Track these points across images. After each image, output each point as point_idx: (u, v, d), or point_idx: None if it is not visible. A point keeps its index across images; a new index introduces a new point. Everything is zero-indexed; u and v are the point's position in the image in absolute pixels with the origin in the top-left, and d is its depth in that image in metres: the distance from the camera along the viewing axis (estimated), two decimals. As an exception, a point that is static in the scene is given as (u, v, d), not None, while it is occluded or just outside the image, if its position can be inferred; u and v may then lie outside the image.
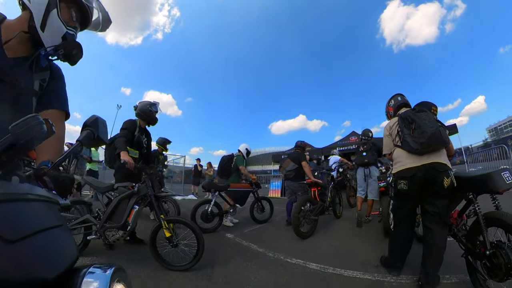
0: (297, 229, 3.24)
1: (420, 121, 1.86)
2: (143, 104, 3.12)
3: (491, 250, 1.56)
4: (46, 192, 0.54)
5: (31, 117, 0.50)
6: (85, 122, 0.78)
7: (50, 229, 0.48)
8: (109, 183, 2.67)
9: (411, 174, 1.90)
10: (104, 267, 0.51)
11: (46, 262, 0.44)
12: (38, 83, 0.93)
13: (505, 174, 1.69)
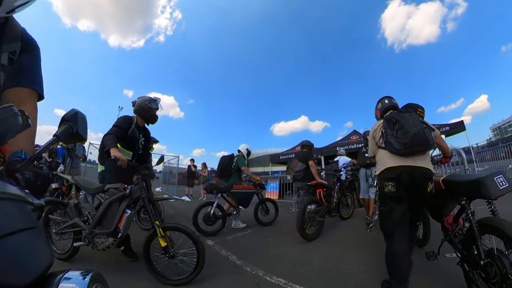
0: (302, 231, 3.18)
1: (404, 121, 1.83)
2: (142, 100, 2.88)
3: (486, 259, 1.48)
4: (18, 190, 0.51)
5: (5, 108, 0.47)
6: (63, 117, 0.73)
7: (21, 231, 0.45)
8: (99, 184, 2.52)
9: (396, 173, 1.83)
10: (82, 273, 0.49)
11: (17, 268, 0.41)
12: (6, 56, 0.80)
13: (499, 178, 1.60)
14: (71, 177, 2.88)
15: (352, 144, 10.80)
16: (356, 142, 10.57)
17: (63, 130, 0.69)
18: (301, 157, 4.59)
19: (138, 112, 2.88)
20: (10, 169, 0.57)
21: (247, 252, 2.95)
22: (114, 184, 2.39)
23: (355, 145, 10.45)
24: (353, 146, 10.56)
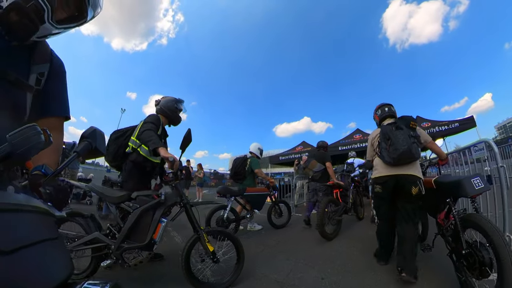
0: (322, 230, 3.42)
1: (395, 139, 2.31)
2: (168, 100, 2.82)
3: (467, 249, 1.80)
4: (41, 203, 0.56)
5: (29, 127, 0.52)
6: (83, 134, 0.80)
7: (44, 242, 0.50)
8: (124, 192, 2.26)
9: (383, 181, 2.48)
10: (101, 283, 0.53)
11: (39, 276, 0.47)
12: (34, 77, 0.82)
13: (476, 180, 1.93)
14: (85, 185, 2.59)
15: (356, 143, 10.84)
16: (360, 141, 10.61)
17: (83, 147, 0.76)
18: (319, 157, 4.77)
19: (163, 111, 2.79)
20: (34, 183, 0.62)
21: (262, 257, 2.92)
22: (143, 191, 2.26)
23: (359, 144, 10.49)
24: (357, 145, 10.60)
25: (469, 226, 1.88)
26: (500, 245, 1.58)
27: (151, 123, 2.51)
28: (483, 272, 1.66)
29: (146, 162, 2.55)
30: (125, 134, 2.68)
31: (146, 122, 2.51)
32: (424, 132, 2.57)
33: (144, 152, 2.53)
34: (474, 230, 1.83)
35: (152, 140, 2.28)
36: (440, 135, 9.93)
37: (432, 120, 10.13)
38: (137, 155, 2.54)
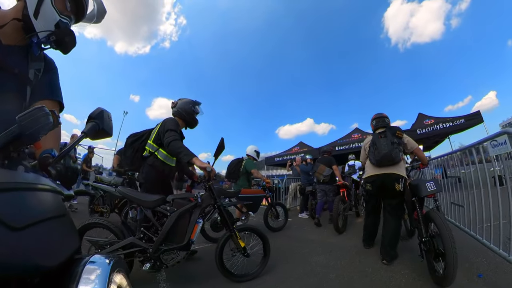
0: (337, 226, 4.30)
1: (379, 145, 3.01)
2: (185, 102, 2.92)
3: (426, 238, 2.41)
4: (50, 182, 0.62)
5: (38, 108, 0.58)
6: (90, 115, 0.86)
7: (53, 219, 0.56)
8: (158, 196, 2.40)
9: (372, 179, 3.15)
10: (105, 257, 0.60)
11: (49, 250, 0.52)
12: (33, 72, 1.04)
13: (429, 184, 2.54)
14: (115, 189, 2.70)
15: (354, 143, 10.88)
16: (358, 141, 10.65)
17: (90, 127, 0.82)
18: (325, 162, 5.52)
19: (180, 114, 2.88)
20: (43, 163, 0.69)
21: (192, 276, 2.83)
22: (178, 194, 2.49)
23: (357, 143, 10.52)
24: (355, 145, 10.64)
25: (429, 221, 2.43)
26: (445, 236, 2.12)
27: (173, 130, 2.59)
28: (437, 256, 2.22)
29: (164, 166, 2.69)
30: (141, 138, 2.81)
31: (169, 130, 2.58)
32: (411, 140, 3.22)
33: (161, 156, 2.67)
34: (432, 223, 2.37)
35: (183, 151, 2.42)
36: (444, 133, 10.08)
37: (435, 117, 10.13)
38: (154, 159, 2.67)
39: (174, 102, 2.97)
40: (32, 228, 0.48)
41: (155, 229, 2.33)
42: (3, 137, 0.56)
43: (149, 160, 2.67)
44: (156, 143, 2.67)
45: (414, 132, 9.74)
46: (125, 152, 2.88)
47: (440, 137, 11.67)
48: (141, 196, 2.43)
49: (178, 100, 2.96)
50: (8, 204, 0.46)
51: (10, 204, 0.47)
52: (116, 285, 0.59)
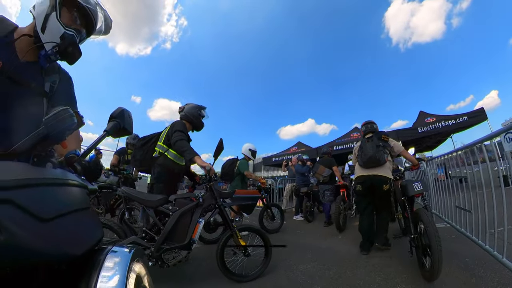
0: (338, 224, 4.66)
1: (365, 148, 3.46)
2: (192, 107, 3.22)
3: (415, 235, 2.66)
4: (76, 177, 0.70)
5: (63, 110, 0.66)
6: (112, 114, 0.97)
7: (79, 211, 0.64)
8: (161, 196, 2.58)
9: (361, 180, 3.50)
10: (126, 247, 0.68)
11: (75, 240, 0.60)
12: (48, 85, 1.18)
13: (416, 184, 2.87)
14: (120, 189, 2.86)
15: (352, 142, 10.94)
16: (357, 140, 10.54)
17: (112, 126, 0.92)
18: (326, 163, 5.94)
19: (188, 118, 3.18)
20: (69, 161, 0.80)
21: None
22: (181, 194, 2.64)
23: (355, 143, 10.19)
24: (353, 144, 10.57)
25: (418, 219, 2.66)
26: (431, 233, 2.34)
27: (181, 131, 2.91)
28: (425, 251, 2.46)
29: (174, 165, 2.96)
30: (151, 141, 3.13)
31: (177, 131, 2.89)
32: (398, 144, 3.67)
33: (171, 156, 2.95)
34: (420, 221, 2.59)
35: (187, 150, 2.72)
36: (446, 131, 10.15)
37: (437, 115, 10.19)
38: (164, 159, 2.94)
39: (182, 106, 3.26)
40: (59, 219, 0.55)
41: (157, 229, 2.45)
42: (32, 138, 0.64)
43: (159, 160, 2.94)
44: (166, 144, 2.96)
45: (415, 131, 9.89)
46: (135, 154, 3.17)
47: (443, 136, 11.77)
48: (144, 196, 2.58)
49: (185, 105, 3.25)
50: (37, 197, 0.53)
51: (40, 198, 0.53)
52: (135, 273, 0.67)
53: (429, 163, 4.52)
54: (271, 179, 8.83)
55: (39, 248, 0.48)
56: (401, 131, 10.38)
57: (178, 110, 3.28)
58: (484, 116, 8.96)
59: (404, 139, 9.81)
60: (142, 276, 0.71)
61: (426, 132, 9.80)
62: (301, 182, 6.71)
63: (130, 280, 0.63)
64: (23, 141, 0.65)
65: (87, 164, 0.85)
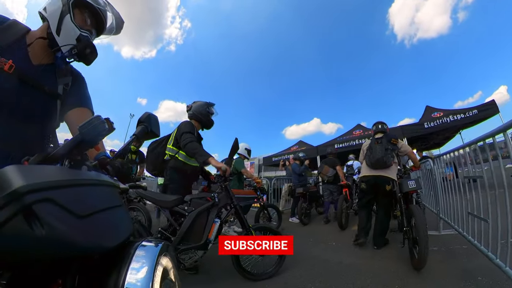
0: (341, 222, 5.19)
1: (374, 150, 3.90)
2: (200, 105, 3.30)
3: (407, 227, 3.22)
4: (109, 178, 0.82)
5: (95, 117, 0.79)
6: (139, 119, 1.09)
7: (112, 208, 0.75)
8: (176, 196, 2.74)
9: (367, 179, 3.99)
10: (155, 242, 0.79)
11: (108, 234, 0.71)
12: (61, 88, 1.30)
13: (411, 182, 3.49)
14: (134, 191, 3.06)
15: (354, 140, 10.93)
16: (359, 137, 10.72)
17: (140, 130, 1.04)
18: (330, 163, 6.45)
19: (196, 116, 3.29)
20: (102, 163, 0.93)
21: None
22: (196, 194, 2.81)
23: (357, 140, 10.60)
24: (355, 142, 10.72)
25: (410, 213, 3.18)
26: (420, 226, 2.81)
27: (188, 132, 3.01)
28: (415, 242, 2.88)
29: (186, 166, 3.12)
30: (161, 144, 3.29)
31: (184, 133, 2.99)
32: (406, 145, 4.11)
33: (182, 158, 3.11)
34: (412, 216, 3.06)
35: (198, 152, 2.79)
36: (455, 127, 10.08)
37: (444, 110, 10.14)
38: (175, 161, 3.10)
39: (189, 105, 3.38)
40: (94, 216, 0.66)
41: (173, 229, 2.62)
42: (69, 144, 0.77)
43: (171, 162, 3.11)
44: (175, 146, 3.12)
45: (421, 126, 9.83)
46: (148, 158, 3.37)
47: (451, 132, 11.80)
48: (159, 197, 2.79)
49: (192, 103, 3.37)
50: (75, 196, 0.64)
51: (77, 197, 0.64)
52: (162, 266, 0.77)
53: (437, 161, 4.49)
54: (266, 179, 8.94)
55: (76, 241, 0.57)
56: (407, 127, 10.34)
57: (186, 109, 3.40)
58: (495, 110, 8.82)
59: (409, 136, 9.84)
60: (169, 269, 0.81)
61: (433, 128, 9.70)
62: (298, 182, 6.81)
63: (157, 272, 0.72)
64: (61, 147, 0.77)
65: (118, 166, 0.99)
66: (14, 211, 0.49)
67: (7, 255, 0.52)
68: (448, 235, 4.04)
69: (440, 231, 4.26)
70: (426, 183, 5.32)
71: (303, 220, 6.11)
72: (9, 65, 1.08)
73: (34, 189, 0.53)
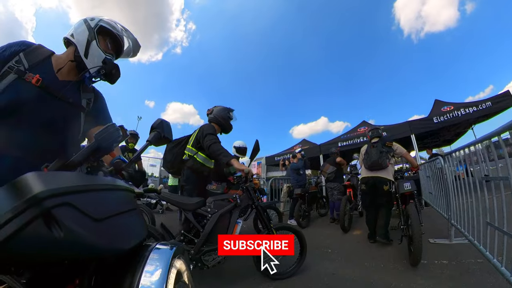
0: (343, 225, 5.46)
1: (370, 154, 4.47)
2: (221, 109, 3.63)
3: (404, 225, 3.75)
4: (124, 183, 0.91)
5: (110, 125, 0.90)
6: (152, 125, 1.23)
7: (127, 212, 0.83)
8: (199, 198, 2.90)
9: (365, 180, 4.59)
10: (169, 245, 0.87)
11: (123, 237, 0.78)
12: (85, 101, 1.57)
13: (406, 184, 3.95)
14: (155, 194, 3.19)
15: (359, 137, 10.67)
16: (363, 135, 10.32)
17: (154, 136, 1.17)
18: (331, 161, 6.88)
19: (217, 120, 3.58)
20: (117, 168, 1.04)
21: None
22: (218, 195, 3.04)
23: (362, 138, 10.35)
24: (359, 139, 10.47)
25: (407, 213, 3.59)
26: (414, 225, 3.25)
27: (212, 134, 3.27)
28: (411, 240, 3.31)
29: (203, 168, 3.38)
30: (180, 144, 3.58)
31: (208, 134, 3.24)
32: (400, 147, 4.57)
33: (200, 159, 3.36)
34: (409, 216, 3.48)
35: (222, 153, 3.03)
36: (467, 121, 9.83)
37: (455, 103, 9.87)
38: (193, 162, 3.34)
39: (210, 109, 3.69)
40: (110, 219, 0.73)
41: (196, 231, 2.82)
42: (86, 150, 0.86)
43: (189, 163, 3.35)
44: (195, 147, 3.37)
45: (430, 121, 9.40)
46: (166, 157, 3.64)
47: (462, 127, 11.59)
48: (181, 199, 2.97)
49: (213, 108, 3.69)
50: (92, 201, 0.70)
51: (93, 201, 0.71)
52: (176, 269, 0.84)
53: (448, 159, 4.21)
54: (262, 180, 9.01)
55: (93, 243, 0.63)
56: (415, 122, 9.94)
57: (207, 112, 3.68)
58: (510, 101, 8.43)
59: (418, 132, 9.54)
60: (182, 272, 0.89)
61: (443, 123, 9.29)
62: (296, 182, 6.89)
63: (171, 275, 0.80)
64: (78, 154, 0.86)
65: (133, 171, 1.10)
66: (34, 215, 0.55)
67: (27, 256, 0.57)
68: (461, 244, 3.72)
69: (451, 239, 4.02)
70: (436, 184, 5.15)
71: (301, 222, 6.14)
72: (37, 79, 1.32)
73: (53, 194, 0.59)
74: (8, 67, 1.32)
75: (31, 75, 1.31)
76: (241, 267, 3.31)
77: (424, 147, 11.29)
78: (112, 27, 1.57)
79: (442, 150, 14.29)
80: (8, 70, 1.31)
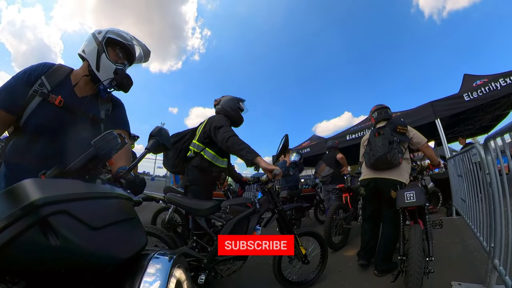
0: (329, 239, 4.68)
1: (374, 145, 3.73)
2: (230, 99, 3.68)
3: (403, 257, 2.95)
4: (122, 191, 1.08)
5: (108, 133, 1.06)
6: (151, 133, 1.44)
7: (125, 220, 0.99)
8: (213, 202, 3.00)
9: (365, 183, 3.93)
10: (168, 254, 1.02)
11: (121, 246, 0.92)
12: (104, 113, 1.98)
13: (408, 194, 3.16)
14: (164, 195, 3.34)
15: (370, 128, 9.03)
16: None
17: (152, 143, 1.37)
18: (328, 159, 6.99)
19: (225, 111, 3.61)
20: (116, 176, 1.24)
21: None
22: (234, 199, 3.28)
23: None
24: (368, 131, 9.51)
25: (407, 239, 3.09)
26: (412, 258, 2.73)
27: (226, 126, 3.24)
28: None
29: (212, 167, 3.43)
30: (184, 138, 3.66)
31: (222, 127, 3.21)
32: (418, 134, 3.81)
33: (208, 156, 3.39)
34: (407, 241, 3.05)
35: (245, 148, 2.98)
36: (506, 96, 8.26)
37: (489, 75, 8.51)
38: (200, 160, 3.40)
39: (217, 99, 3.74)
40: (108, 228, 0.87)
41: (209, 238, 2.98)
42: (84, 158, 1.04)
43: (194, 161, 3.40)
44: (202, 142, 3.40)
45: (461, 99, 8.34)
46: (167, 153, 3.67)
47: (503, 107, 10.62)
48: (193, 204, 3.02)
49: (221, 97, 3.75)
50: (89, 209, 0.83)
51: (91, 209, 0.84)
52: (175, 278, 0.98)
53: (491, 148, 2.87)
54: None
55: (90, 252, 0.76)
56: (439, 102, 8.67)
57: (214, 103, 3.75)
58: None
59: (444, 115, 8.60)
60: (182, 282, 1.04)
61: (478, 100, 8.06)
62: (284, 184, 7.10)
63: (171, 285, 0.93)
64: (76, 161, 1.03)
65: (131, 179, 1.30)
66: (31, 223, 0.65)
67: (23, 264, 0.66)
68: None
69: (492, 286, 2.82)
70: (470, 187, 3.98)
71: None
72: (59, 100, 1.74)
73: (50, 202, 0.70)
74: (33, 90, 1.72)
75: (54, 97, 1.73)
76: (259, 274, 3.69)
77: (455, 138, 11.00)
78: (120, 37, 1.93)
79: (478, 140, 13.28)
80: (34, 94, 1.72)
